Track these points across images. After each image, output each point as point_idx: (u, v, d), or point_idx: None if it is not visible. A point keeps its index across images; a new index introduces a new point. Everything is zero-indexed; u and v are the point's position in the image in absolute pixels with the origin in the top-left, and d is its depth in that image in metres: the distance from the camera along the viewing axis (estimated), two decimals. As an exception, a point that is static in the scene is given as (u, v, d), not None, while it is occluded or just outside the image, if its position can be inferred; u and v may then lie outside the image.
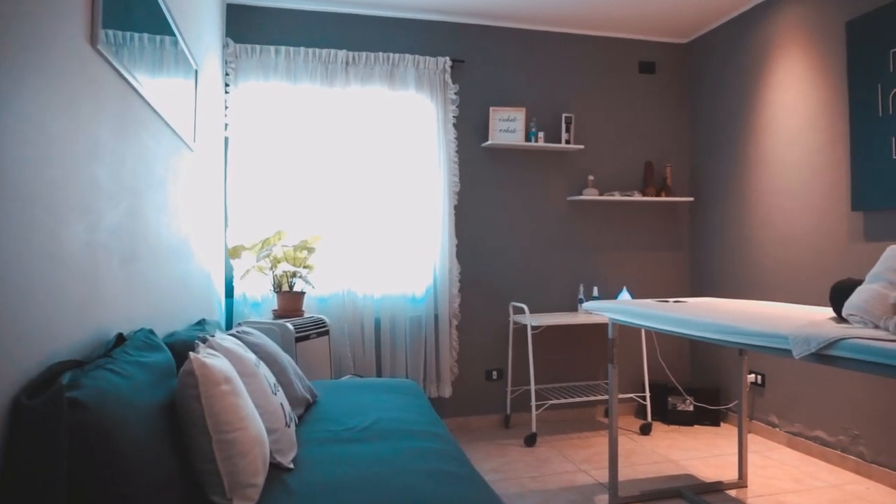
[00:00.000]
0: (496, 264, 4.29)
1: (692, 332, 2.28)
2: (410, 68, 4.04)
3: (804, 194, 3.65)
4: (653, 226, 4.61)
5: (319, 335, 3.42)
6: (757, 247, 4.01)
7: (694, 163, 4.65)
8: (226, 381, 1.39)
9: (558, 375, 4.40)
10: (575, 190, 4.45)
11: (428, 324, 4.06)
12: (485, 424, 4.22)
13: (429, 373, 4.04)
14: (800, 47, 3.66)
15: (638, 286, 4.56)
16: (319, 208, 3.88)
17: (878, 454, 3.19)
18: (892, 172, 3.06)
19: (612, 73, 4.53)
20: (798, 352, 1.82)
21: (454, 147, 4.13)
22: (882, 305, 1.87)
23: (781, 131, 3.81)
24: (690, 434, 4.04)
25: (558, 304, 4.40)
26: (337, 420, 2.14)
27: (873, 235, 3.22)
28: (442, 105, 4.10)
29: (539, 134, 4.25)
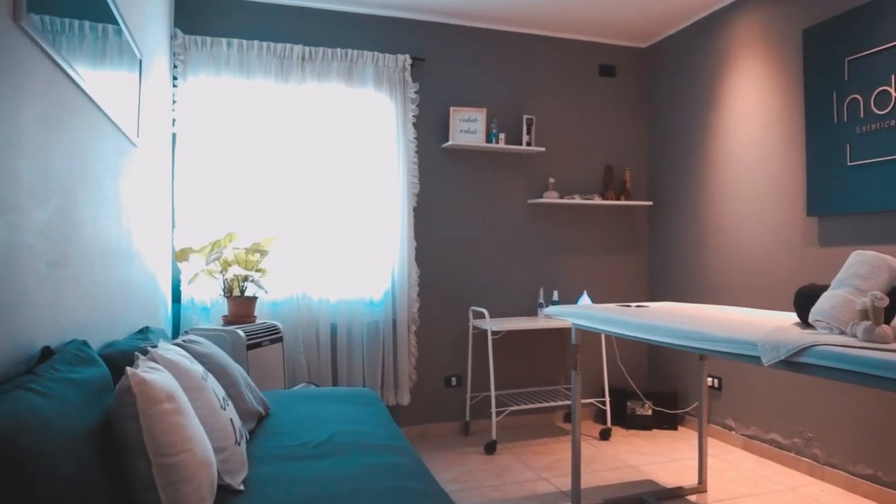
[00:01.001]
0: (456, 268, 4.20)
1: (660, 339, 2.24)
2: (369, 65, 3.93)
3: (760, 199, 3.69)
4: (612, 229, 4.61)
5: (272, 342, 3.26)
6: (714, 251, 4.05)
7: (652, 167, 4.67)
8: (168, 398, 1.26)
9: (518, 381, 4.34)
10: (535, 193, 4.41)
11: (386, 329, 3.94)
12: (444, 432, 4.13)
13: (387, 380, 3.92)
14: (757, 54, 3.70)
15: (597, 290, 4.55)
16: (273, 209, 3.72)
17: (830, 456, 3.23)
18: (847, 179, 3.11)
19: (573, 76, 4.51)
20: (767, 359, 1.79)
21: (414, 147, 4.04)
22: (848, 311, 1.86)
23: (738, 136, 3.85)
24: (649, 438, 4.03)
25: (518, 308, 4.35)
26: (291, 434, 2.01)
27: (827, 240, 3.27)
28: (401, 104, 3.99)
29: (500, 135, 4.20)
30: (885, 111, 2.92)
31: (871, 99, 2.99)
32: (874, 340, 1.68)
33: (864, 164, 3.03)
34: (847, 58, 3.11)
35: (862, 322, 1.74)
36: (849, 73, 3.10)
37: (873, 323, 1.69)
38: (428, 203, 4.13)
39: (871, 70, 2.99)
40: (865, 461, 3.06)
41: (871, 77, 2.99)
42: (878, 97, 2.96)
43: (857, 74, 3.05)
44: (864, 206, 3.03)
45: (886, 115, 2.92)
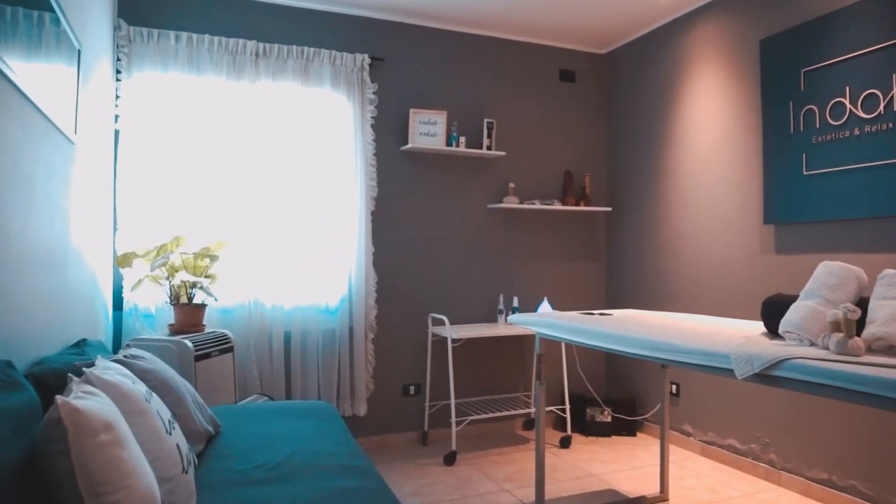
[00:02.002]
0: (415, 273, 4.10)
1: (630, 350, 2.19)
2: (326, 64, 3.79)
3: (718, 207, 3.72)
4: (572, 235, 4.59)
5: (222, 352, 3.09)
6: (672, 258, 4.07)
7: (611, 173, 4.68)
8: (105, 428, 1.12)
9: (477, 388, 4.27)
10: (496, 197, 4.34)
11: (342, 337, 3.80)
12: (402, 442, 4.02)
13: (343, 390, 3.78)
14: (716, 62, 3.74)
15: (557, 296, 4.52)
16: (224, 212, 3.54)
17: (787, 461, 3.27)
18: (803, 188, 3.15)
19: (533, 80, 4.48)
20: (741, 372, 1.75)
21: (372, 149, 3.92)
22: (819, 323, 1.84)
23: (697, 144, 3.88)
24: (609, 445, 4.02)
25: (478, 314, 4.28)
26: (244, 456, 1.87)
27: (784, 248, 3.31)
28: (359, 104, 3.87)
29: (460, 139, 4.12)
30: (840, 122, 2.97)
31: (826, 110, 3.03)
32: (847, 353, 1.66)
33: (819, 173, 3.07)
34: (803, 69, 3.15)
35: (833, 334, 1.73)
36: (805, 84, 3.14)
37: (846, 335, 1.68)
38: (386, 207, 4.02)
39: (827, 82, 3.03)
40: (820, 466, 3.10)
41: (826, 89, 3.04)
42: (833, 108, 3.01)
43: (814, 86, 3.10)
44: (819, 214, 3.07)
45: (841, 127, 2.97)
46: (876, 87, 2.82)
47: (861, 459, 2.92)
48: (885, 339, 1.68)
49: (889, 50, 2.77)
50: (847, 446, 2.98)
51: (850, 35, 2.93)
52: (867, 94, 2.86)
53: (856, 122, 2.91)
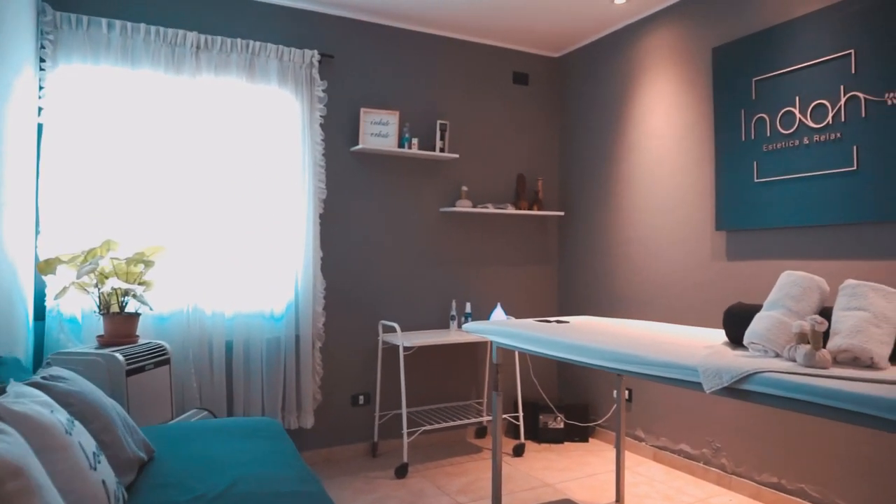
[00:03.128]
0: (365, 279, 3.96)
1: (592, 362, 2.13)
2: (273, 59, 3.60)
3: (670, 213, 3.73)
4: (525, 240, 4.54)
5: (158, 365, 2.88)
6: (624, 263, 4.07)
7: (564, 177, 4.66)
8: (14, 474, 0.95)
9: (429, 397, 4.16)
10: (448, 201, 4.25)
11: (288, 346, 3.62)
12: (351, 455, 3.86)
13: (288, 401, 3.60)
14: (668, 69, 3.75)
15: (510, 301, 4.46)
16: (160, 215, 3.31)
17: (738, 465, 3.30)
18: (754, 195, 3.18)
19: (487, 82, 4.41)
20: (709, 385, 1.71)
21: (321, 150, 3.75)
22: (784, 334, 1.82)
23: (649, 150, 3.88)
24: (562, 452, 3.98)
25: (430, 321, 4.17)
26: (181, 485, 1.70)
27: (735, 255, 3.33)
28: (308, 103, 3.70)
29: (413, 140, 4.00)
30: (790, 131, 3.01)
31: (777, 119, 3.07)
32: (815, 365, 1.64)
33: (770, 181, 3.10)
34: (754, 78, 3.18)
35: (800, 346, 1.70)
36: (756, 93, 3.18)
37: (813, 347, 1.65)
38: (335, 209, 3.86)
39: (777, 91, 3.07)
40: (770, 470, 3.14)
41: (777, 98, 3.07)
42: (783, 117, 3.04)
43: (764, 94, 3.13)
44: (770, 221, 3.11)
45: (791, 135, 3.01)
46: (824, 98, 2.87)
47: (809, 462, 2.96)
48: (851, 350, 1.66)
49: (837, 62, 2.82)
50: (795, 450, 3.02)
51: (800, 46, 2.97)
52: (816, 105, 2.90)
53: (805, 131, 2.95)
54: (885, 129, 2.65)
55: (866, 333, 1.66)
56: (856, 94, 2.75)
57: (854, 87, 2.76)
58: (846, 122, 2.79)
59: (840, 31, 2.81)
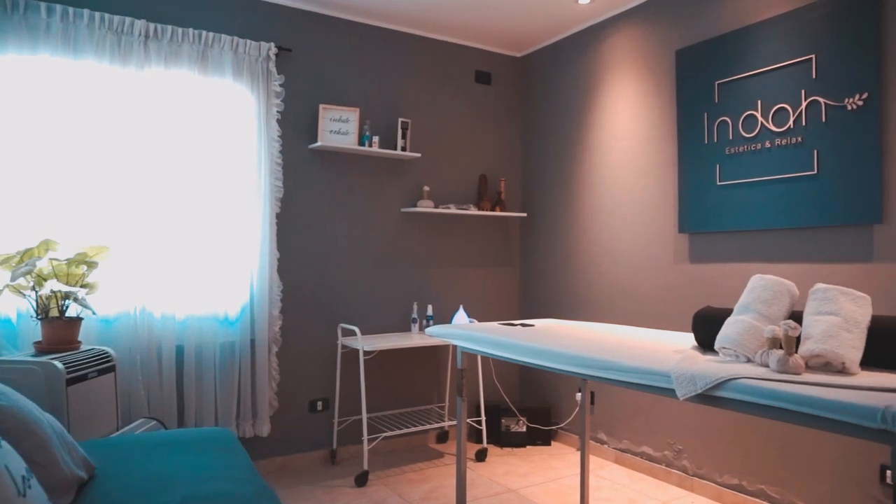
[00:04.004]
0: (324, 281, 3.83)
1: (562, 367, 2.07)
2: (227, 51, 3.45)
3: (633, 215, 3.73)
4: (487, 241, 4.49)
5: (101, 373, 2.70)
6: (587, 265, 4.05)
7: (527, 178, 4.62)
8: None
9: (389, 402, 4.06)
10: (410, 201, 4.16)
11: (243, 350, 3.47)
12: (309, 462, 3.73)
13: (243, 409, 3.45)
14: (632, 70, 3.75)
15: (472, 303, 4.39)
16: (105, 213, 3.12)
17: (699, 467, 3.31)
18: (717, 198, 3.20)
19: (449, 80, 4.33)
20: (683, 392, 1.67)
21: (277, 147, 3.61)
22: (756, 338, 1.80)
23: (613, 152, 3.87)
24: (525, 457, 3.93)
25: (390, 324, 4.07)
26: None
27: (697, 257, 3.35)
28: (264, 98, 3.56)
29: (374, 138, 3.89)
30: (752, 134, 3.03)
31: (739, 122, 3.09)
32: (788, 371, 1.61)
33: (732, 184, 3.12)
34: (717, 81, 3.20)
35: (772, 351, 1.68)
36: (719, 96, 3.19)
37: (786, 353, 1.63)
38: (293, 209, 3.73)
39: (740, 95, 3.09)
40: (731, 471, 3.15)
41: (739, 101, 3.09)
42: (745, 121, 3.06)
43: (727, 98, 3.15)
44: (732, 224, 3.12)
45: (753, 139, 3.03)
46: (786, 102, 2.89)
47: (769, 464, 2.99)
48: (823, 355, 1.65)
49: (798, 66, 2.85)
50: (756, 451, 3.04)
51: (762, 50, 2.99)
52: (778, 109, 2.93)
53: (767, 135, 2.97)
54: (844, 134, 2.69)
55: (838, 338, 1.65)
56: (816, 99, 2.78)
57: (815, 92, 2.79)
58: (807, 126, 2.82)
59: (801, 37, 2.84)
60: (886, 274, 2.60)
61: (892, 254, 2.58)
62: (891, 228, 2.58)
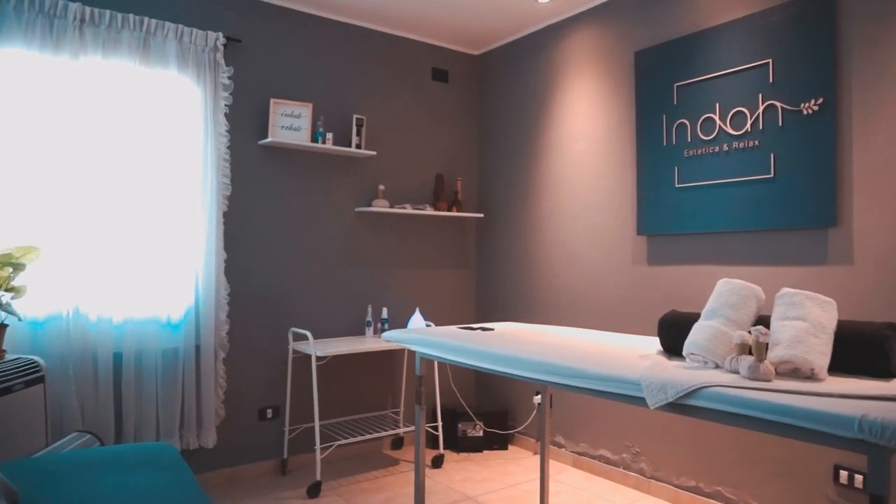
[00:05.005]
0: (274, 283, 3.67)
1: (526, 374, 2.00)
2: (171, 40, 3.25)
3: (591, 217, 3.70)
4: (444, 242, 4.40)
5: (29, 384, 2.48)
6: (544, 267, 4.01)
7: (483, 178, 4.56)
8: None
9: (342, 408, 3.92)
10: (364, 200, 4.03)
11: (187, 357, 3.28)
12: (258, 474, 3.56)
13: (187, 419, 3.26)
14: (591, 71, 3.72)
15: (428, 306, 4.30)
16: (35, 212, 2.89)
17: (656, 469, 3.30)
18: (675, 200, 3.20)
19: (405, 77, 4.22)
20: (653, 401, 1.62)
21: (225, 142, 3.43)
22: (725, 344, 1.76)
23: (571, 153, 3.84)
24: (482, 462, 3.86)
25: (344, 327, 3.94)
26: (51, 539, 1.41)
27: (655, 260, 3.34)
28: (211, 90, 3.37)
29: (327, 135, 3.75)
30: (711, 137, 3.04)
31: (698, 125, 3.09)
32: (759, 378, 1.58)
33: (690, 186, 3.12)
34: (676, 83, 3.20)
35: (742, 357, 1.65)
36: (678, 99, 3.19)
37: (756, 359, 1.60)
38: (242, 207, 3.55)
39: (698, 97, 3.09)
40: (689, 473, 3.16)
41: (697, 104, 3.10)
42: (704, 124, 3.07)
43: (686, 100, 3.15)
44: (689, 227, 3.13)
45: (711, 142, 3.04)
46: (744, 106, 2.91)
47: (725, 465, 3.00)
48: (792, 361, 1.62)
49: (756, 70, 2.87)
50: (712, 453, 3.05)
51: (721, 53, 3.00)
52: (736, 112, 2.94)
53: (725, 138, 2.98)
54: (800, 138, 2.71)
55: (806, 344, 1.63)
56: (773, 103, 2.80)
57: (772, 96, 2.81)
58: (764, 130, 2.84)
59: (758, 41, 2.86)
60: (840, 277, 2.63)
61: (846, 257, 2.61)
62: (844, 232, 2.62)
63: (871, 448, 1.28)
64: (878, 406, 1.32)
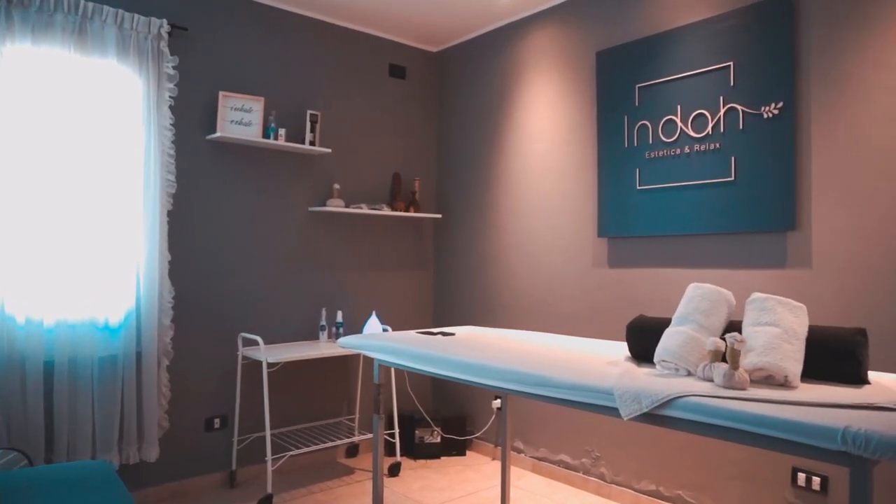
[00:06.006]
0: (223, 286, 3.48)
1: (492, 383, 1.91)
2: (110, 25, 3.03)
3: (552, 218, 3.65)
4: (400, 243, 4.28)
5: (-54, 399, 2.26)
6: (503, 269, 3.94)
7: (441, 178, 4.46)
8: None
9: (294, 416, 3.76)
10: (319, 199, 3.88)
11: (127, 365, 3.07)
12: (205, 487, 3.37)
13: (127, 432, 3.05)
14: (552, 71, 3.67)
15: (385, 309, 4.17)
16: (-46, 206, 2.65)
17: (617, 474, 3.27)
18: (636, 202, 3.17)
19: (362, 73, 4.09)
20: (627, 411, 1.55)
21: (170, 136, 3.23)
22: (697, 351, 1.71)
23: (531, 153, 3.79)
24: (440, 469, 3.76)
25: (297, 331, 3.77)
26: (-38, 581, 1.24)
27: (616, 262, 3.31)
28: (154, 81, 3.17)
29: (280, 131, 3.59)
30: (672, 139, 3.02)
31: (659, 127, 3.07)
32: (734, 386, 1.53)
33: (651, 188, 3.10)
34: (638, 84, 3.17)
35: (716, 364, 1.60)
36: (639, 100, 3.17)
37: (731, 367, 1.55)
38: (188, 206, 3.36)
39: (660, 99, 3.07)
40: (649, 478, 3.14)
41: (659, 105, 3.08)
42: (665, 126, 3.05)
43: (647, 102, 3.13)
44: (650, 229, 3.11)
45: (673, 144, 3.02)
46: (705, 108, 2.90)
47: (685, 469, 2.99)
48: (766, 369, 1.58)
49: (717, 73, 2.86)
50: (672, 457, 3.03)
51: (682, 55, 2.99)
52: (697, 115, 2.93)
53: (686, 140, 2.97)
54: (761, 142, 2.72)
55: (780, 351, 1.59)
56: (734, 106, 2.80)
57: (732, 100, 2.81)
58: (725, 133, 2.83)
59: (719, 44, 2.85)
60: (799, 280, 2.64)
61: (804, 260, 2.63)
62: (803, 235, 2.63)
63: (853, 460, 1.23)
64: (860, 416, 1.28)
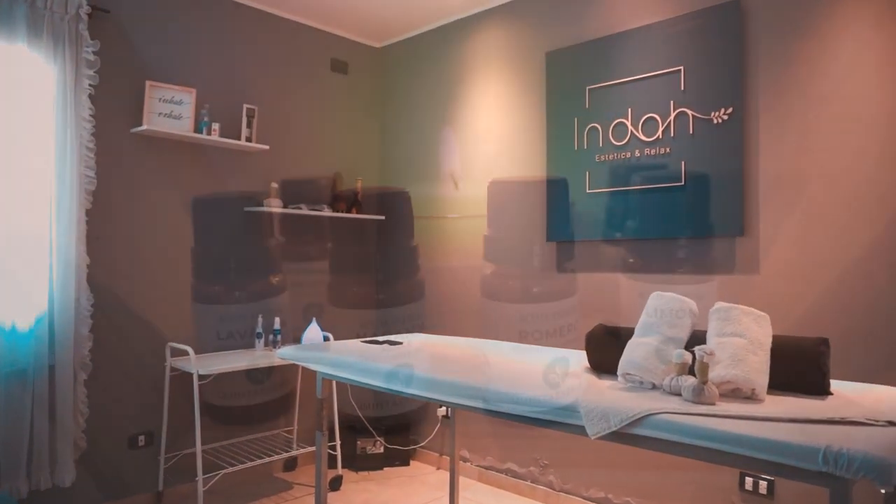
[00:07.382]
0: (149, 292, 3.21)
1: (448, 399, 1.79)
2: (20, 4, 2.73)
3: (500, 221, 3.57)
4: (342, 246, 4.10)
5: None
6: (450, 273, 3.83)
7: (385, 178, 4.31)
8: None
9: (227, 430, 3.52)
10: (255, 199, 3.66)
11: (38, 379, 2.77)
12: (126, 510, 3.11)
13: (37, 455, 2.75)
14: (501, 70, 3.59)
15: (326, 315, 3.98)
16: None
17: (565, 482, 3.22)
18: (586, 206, 3.12)
19: (302, 67, 3.89)
20: (595, 430, 1.46)
21: (89, 129, 2.95)
22: (663, 363, 1.65)
23: (477, 155, 3.69)
24: (383, 481, 3.62)
25: (231, 340, 3.54)
26: None
27: (565, 267, 3.26)
28: (72, 67, 2.88)
29: (213, 125, 3.36)
30: (623, 143, 2.99)
31: (609, 129, 3.04)
32: (704, 401, 1.47)
33: (601, 192, 3.06)
34: (588, 86, 3.13)
35: (684, 378, 1.53)
36: (590, 102, 3.12)
37: (700, 381, 1.49)
38: (109, 205, 3.08)
39: (610, 102, 3.04)
40: (598, 485, 3.10)
41: (610, 108, 3.04)
42: (616, 129, 3.02)
43: (598, 104, 3.09)
44: (600, 233, 3.07)
45: (623, 147, 2.99)
46: (655, 112, 2.88)
47: (634, 475, 2.96)
48: (733, 382, 1.53)
49: (667, 77, 2.84)
50: (621, 463, 3.00)
51: (633, 59, 2.96)
52: (647, 118, 2.91)
53: (637, 144, 2.94)
54: (710, 147, 2.71)
55: (746, 363, 1.54)
56: (684, 111, 2.79)
57: (683, 104, 2.79)
58: (675, 137, 2.82)
59: (669, 48, 2.84)
60: (747, 286, 2.65)
61: (752, 266, 2.64)
62: (751, 241, 2.64)
63: (834, 481, 1.18)
64: (837, 433, 1.23)
